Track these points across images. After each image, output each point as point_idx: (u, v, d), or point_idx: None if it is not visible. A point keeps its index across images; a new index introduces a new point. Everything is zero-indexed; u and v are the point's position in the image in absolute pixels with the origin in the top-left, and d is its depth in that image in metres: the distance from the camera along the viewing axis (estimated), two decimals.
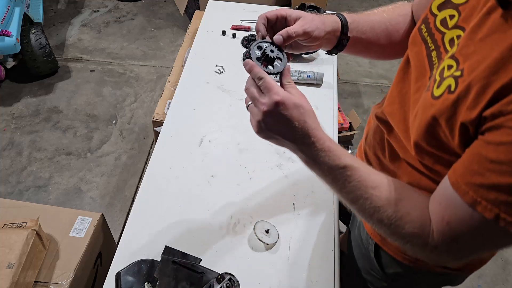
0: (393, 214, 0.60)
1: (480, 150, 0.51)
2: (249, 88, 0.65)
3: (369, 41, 0.82)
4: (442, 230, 0.56)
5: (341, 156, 0.62)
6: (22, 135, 2.29)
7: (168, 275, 0.82)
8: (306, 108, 0.63)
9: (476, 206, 0.51)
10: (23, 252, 1.07)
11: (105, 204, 2.00)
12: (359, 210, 0.64)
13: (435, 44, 0.64)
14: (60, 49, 2.84)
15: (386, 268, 0.89)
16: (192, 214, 0.98)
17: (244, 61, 0.67)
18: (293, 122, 0.61)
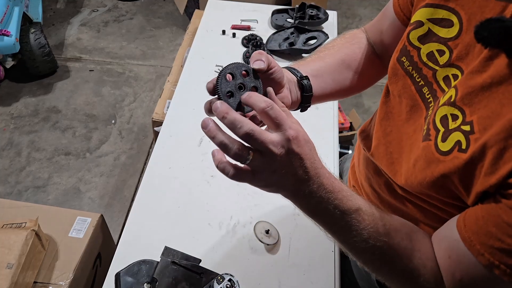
0: (406, 266, 0.55)
1: (500, 212, 0.47)
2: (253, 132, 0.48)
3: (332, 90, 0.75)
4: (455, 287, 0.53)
5: (351, 198, 0.54)
6: (21, 135, 2.28)
7: (168, 276, 0.82)
8: (312, 144, 0.53)
9: (493, 269, 0.48)
10: (22, 252, 1.06)
11: (104, 205, 2.00)
12: (367, 261, 0.57)
13: (424, 80, 0.59)
14: (59, 49, 2.84)
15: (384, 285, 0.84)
16: (192, 215, 0.98)
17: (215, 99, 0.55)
18: (305, 161, 0.50)
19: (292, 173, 0.50)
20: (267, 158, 0.48)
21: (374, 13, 3.28)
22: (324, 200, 0.52)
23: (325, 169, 0.54)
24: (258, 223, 0.94)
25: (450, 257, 0.53)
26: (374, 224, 0.54)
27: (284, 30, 1.45)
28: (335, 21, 1.58)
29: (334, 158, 1.11)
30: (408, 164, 0.60)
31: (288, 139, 0.48)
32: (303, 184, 0.51)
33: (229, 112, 0.50)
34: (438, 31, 0.58)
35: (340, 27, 3.14)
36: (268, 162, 0.49)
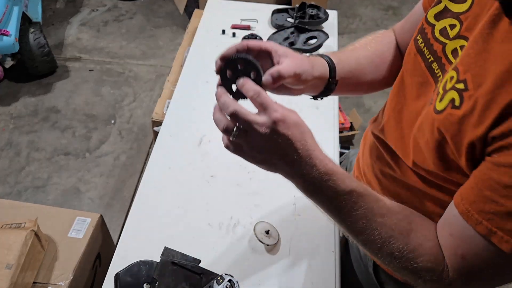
0: (404, 246, 0.55)
1: (491, 174, 0.47)
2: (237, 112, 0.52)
3: (357, 79, 0.77)
4: (458, 266, 0.52)
5: (345, 180, 0.56)
6: (21, 135, 2.28)
7: (168, 276, 0.82)
8: (305, 127, 0.56)
9: (491, 237, 0.48)
10: (22, 253, 1.06)
11: (104, 205, 2.00)
12: (366, 242, 0.57)
13: (434, 55, 0.60)
14: (58, 49, 2.83)
15: (385, 284, 0.86)
16: (192, 215, 0.97)
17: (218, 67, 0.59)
18: (295, 142, 0.53)
19: (281, 153, 0.54)
20: (252, 137, 0.53)
21: (374, 13, 3.27)
22: (317, 181, 0.55)
23: (319, 151, 0.56)
24: (258, 223, 0.94)
25: (451, 235, 0.53)
26: (369, 205, 0.56)
27: (284, 30, 1.45)
28: (336, 20, 1.58)
29: (334, 158, 1.11)
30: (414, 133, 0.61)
31: (274, 121, 0.52)
32: (295, 165, 0.55)
33: (222, 96, 0.55)
34: (452, 7, 0.59)
35: (341, 26, 3.15)
36: (254, 140, 0.54)
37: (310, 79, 0.67)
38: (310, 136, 0.56)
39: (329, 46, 1.45)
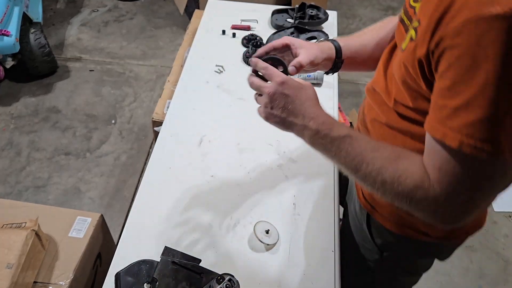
0: (394, 172, 0.62)
1: (438, 85, 0.55)
2: (253, 81, 0.74)
3: (362, 58, 0.91)
4: (437, 178, 0.58)
5: (341, 128, 0.68)
6: (21, 135, 2.28)
7: (168, 276, 0.82)
8: (308, 88, 0.72)
9: (444, 140, 0.54)
10: (22, 252, 1.06)
11: (105, 205, 2.00)
12: (364, 177, 0.65)
13: (409, 19, 0.67)
14: (59, 49, 2.84)
15: (376, 239, 0.92)
16: (192, 214, 0.98)
17: (250, 60, 0.76)
18: (296, 100, 0.70)
19: (284, 107, 0.70)
20: (263, 97, 0.72)
21: (374, 13, 3.27)
22: (315, 131, 0.68)
23: (318, 107, 0.71)
24: (258, 223, 0.94)
25: (429, 154, 0.60)
26: (363, 144, 0.66)
27: (284, 30, 1.45)
28: (335, 21, 1.58)
29: None
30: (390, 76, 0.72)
31: (277, 84, 0.70)
32: (296, 118, 0.70)
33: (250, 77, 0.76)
34: None
35: (340, 27, 3.14)
36: (265, 99, 0.72)
37: (320, 62, 0.86)
38: (312, 95, 0.72)
39: None
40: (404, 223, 0.83)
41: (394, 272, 0.98)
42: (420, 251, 0.90)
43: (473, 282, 1.81)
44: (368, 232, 0.92)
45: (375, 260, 0.95)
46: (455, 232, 0.83)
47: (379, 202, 0.86)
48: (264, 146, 1.13)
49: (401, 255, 0.93)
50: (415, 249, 0.89)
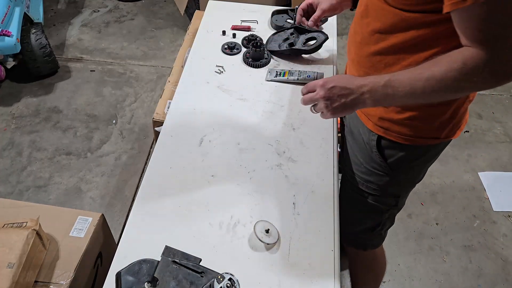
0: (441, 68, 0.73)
1: None
2: (304, 98, 0.92)
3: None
4: (481, 39, 0.68)
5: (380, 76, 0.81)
6: (22, 135, 2.29)
7: (168, 275, 0.82)
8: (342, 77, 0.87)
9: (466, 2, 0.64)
10: (23, 252, 1.07)
11: (105, 204, 2.00)
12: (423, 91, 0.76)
13: None
14: (60, 49, 2.84)
15: (390, 158, 1.03)
16: (192, 214, 0.98)
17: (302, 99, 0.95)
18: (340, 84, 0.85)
19: (340, 94, 0.85)
20: (320, 103, 0.89)
21: None
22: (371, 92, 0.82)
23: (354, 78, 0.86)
24: (258, 222, 0.94)
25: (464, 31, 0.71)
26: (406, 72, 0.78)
27: (284, 31, 1.46)
28: (335, 21, 1.58)
29: (334, 158, 1.12)
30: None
31: (320, 86, 0.88)
32: (352, 95, 0.84)
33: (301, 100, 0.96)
34: None
35: (340, 27, 3.15)
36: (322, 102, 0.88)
37: (338, 7, 1.19)
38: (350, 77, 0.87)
39: (328, 47, 1.45)
40: (417, 134, 0.96)
41: (402, 187, 1.12)
42: (428, 156, 1.04)
43: (472, 281, 1.82)
44: (379, 155, 1.03)
45: (385, 182, 1.07)
46: (455, 128, 0.98)
47: (391, 121, 0.97)
48: (264, 146, 1.14)
49: (412, 167, 1.05)
50: (425, 155, 1.03)
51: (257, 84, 1.32)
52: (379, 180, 1.08)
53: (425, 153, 1.03)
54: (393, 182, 1.08)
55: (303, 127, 1.19)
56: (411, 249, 1.91)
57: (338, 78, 0.87)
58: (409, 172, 1.08)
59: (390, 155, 1.03)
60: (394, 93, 0.79)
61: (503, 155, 2.34)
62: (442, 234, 1.97)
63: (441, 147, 1.05)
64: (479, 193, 2.15)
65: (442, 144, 1.03)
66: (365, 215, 1.18)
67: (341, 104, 0.85)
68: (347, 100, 0.84)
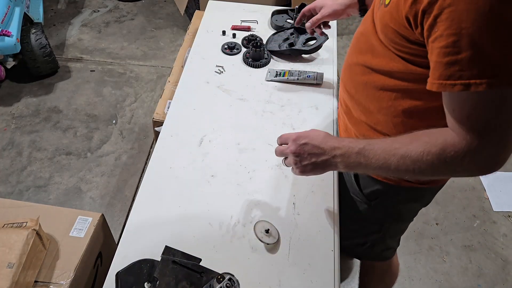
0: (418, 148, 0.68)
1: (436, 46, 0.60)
2: (276, 150, 0.88)
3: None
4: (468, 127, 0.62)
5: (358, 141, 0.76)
6: (22, 135, 2.29)
7: (168, 275, 0.82)
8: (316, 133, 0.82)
9: (470, 89, 0.58)
10: (23, 252, 1.07)
11: (105, 204, 2.00)
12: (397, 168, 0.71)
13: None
14: (60, 49, 2.84)
15: (365, 189, 1.01)
16: (192, 214, 0.98)
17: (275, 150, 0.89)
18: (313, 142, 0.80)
19: (310, 153, 0.80)
20: (289, 158, 0.84)
21: None
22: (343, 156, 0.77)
23: (331, 137, 0.81)
24: (258, 222, 0.94)
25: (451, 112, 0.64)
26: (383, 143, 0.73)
27: (284, 31, 1.46)
28: (335, 21, 1.58)
29: None
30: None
31: (292, 140, 0.82)
32: (324, 155, 0.79)
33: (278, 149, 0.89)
34: None
35: (340, 28, 3.15)
36: (292, 157, 0.82)
37: (341, 13, 1.11)
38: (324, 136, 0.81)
39: (328, 47, 1.45)
40: None
41: (383, 220, 1.08)
42: (403, 197, 1.00)
43: (472, 281, 1.82)
44: (356, 184, 1.03)
45: (364, 209, 1.05)
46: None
47: None
48: (264, 146, 1.14)
49: (387, 203, 1.02)
50: (399, 195, 0.99)
51: (257, 84, 1.32)
52: (360, 204, 1.07)
53: (402, 194, 0.99)
54: (372, 211, 1.05)
55: (303, 127, 1.19)
56: (411, 249, 1.91)
57: (312, 135, 0.81)
58: (388, 208, 1.05)
59: (365, 186, 1.01)
60: (367, 163, 0.74)
61: None
62: (442, 234, 1.97)
63: (421, 193, 1.00)
64: (479, 193, 2.15)
65: (421, 190, 0.98)
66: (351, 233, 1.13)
67: (311, 164, 0.80)
68: (317, 160, 0.80)
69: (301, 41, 1.40)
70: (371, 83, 0.85)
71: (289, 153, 0.82)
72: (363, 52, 0.86)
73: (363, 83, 0.88)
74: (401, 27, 0.69)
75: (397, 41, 0.72)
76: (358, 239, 1.17)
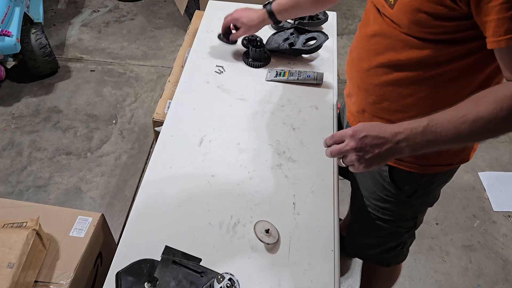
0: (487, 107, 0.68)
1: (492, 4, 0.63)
2: (332, 151, 0.80)
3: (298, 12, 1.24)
4: None
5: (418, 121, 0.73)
6: (22, 135, 2.29)
7: (168, 275, 0.83)
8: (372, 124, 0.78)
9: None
10: (23, 252, 1.07)
11: (105, 204, 2.00)
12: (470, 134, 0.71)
13: None
14: (60, 49, 2.84)
15: (404, 186, 1.01)
16: (192, 214, 0.98)
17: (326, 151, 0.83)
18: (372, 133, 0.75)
19: (372, 144, 0.75)
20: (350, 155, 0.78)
21: None
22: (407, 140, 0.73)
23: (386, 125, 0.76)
24: (258, 222, 0.94)
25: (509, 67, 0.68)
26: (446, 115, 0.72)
27: (284, 31, 1.46)
28: (335, 21, 1.58)
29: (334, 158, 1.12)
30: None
31: (350, 136, 0.77)
32: (386, 144, 0.75)
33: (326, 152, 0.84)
34: None
35: (340, 27, 3.15)
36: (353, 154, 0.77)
37: (255, 29, 1.30)
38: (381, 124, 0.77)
39: (328, 47, 1.45)
40: (431, 162, 0.94)
41: (419, 210, 1.11)
42: (443, 180, 1.05)
43: (472, 281, 1.82)
44: (393, 185, 1.01)
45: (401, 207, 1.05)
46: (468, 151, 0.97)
47: None
48: (264, 146, 1.14)
49: (428, 192, 1.05)
50: (440, 180, 1.03)
51: (257, 84, 1.32)
52: (395, 206, 1.06)
53: (440, 178, 1.03)
54: (409, 207, 1.07)
55: (303, 127, 1.19)
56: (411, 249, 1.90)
57: (368, 126, 0.77)
58: (426, 197, 1.07)
59: (404, 184, 1.01)
60: (436, 139, 0.72)
61: (503, 155, 2.34)
62: (442, 234, 1.97)
63: (455, 169, 1.04)
64: (479, 193, 2.15)
65: (450, 171, 1.03)
66: (384, 239, 1.17)
67: (375, 155, 0.76)
68: (381, 151, 0.75)
69: (301, 41, 1.40)
70: (401, 80, 0.86)
71: (349, 150, 0.77)
72: (381, 52, 0.86)
73: (391, 83, 0.88)
74: (438, 8, 0.69)
75: (432, 24, 0.72)
76: (391, 243, 1.17)
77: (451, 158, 0.96)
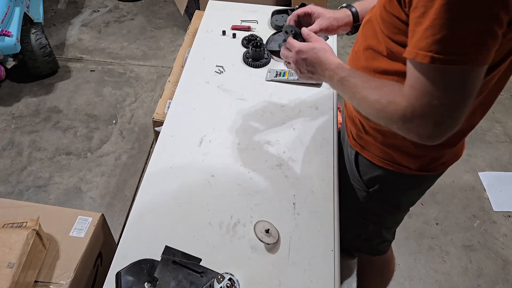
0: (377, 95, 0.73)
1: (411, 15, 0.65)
2: (283, 53, 0.97)
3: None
4: (410, 94, 0.66)
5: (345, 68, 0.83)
6: (22, 135, 2.29)
7: (168, 275, 0.83)
8: (318, 47, 0.90)
9: (416, 58, 0.63)
10: (23, 252, 1.07)
11: (105, 204, 2.00)
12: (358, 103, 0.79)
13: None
14: (60, 49, 2.85)
15: (364, 176, 1.02)
16: (192, 214, 0.98)
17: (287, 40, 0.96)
18: (312, 59, 0.90)
19: (307, 66, 0.92)
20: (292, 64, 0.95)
21: None
22: (330, 78, 0.86)
23: (329, 60, 0.88)
24: (258, 222, 0.94)
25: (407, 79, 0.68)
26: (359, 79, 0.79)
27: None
28: None
29: (334, 158, 1.12)
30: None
31: (295, 53, 0.93)
32: (316, 73, 0.91)
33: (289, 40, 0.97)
34: None
35: None
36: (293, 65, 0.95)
37: (336, 29, 1.05)
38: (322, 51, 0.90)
39: None
40: (389, 158, 0.94)
41: (381, 208, 1.09)
42: (403, 184, 1.01)
43: (472, 281, 1.82)
44: (356, 170, 1.04)
45: (363, 197, 1.07)
46: (434, 163, 0.94)
47: (367, 141, 0.97)
48: (264, 146, 1.14)
49: (386, 190, 1.03)
50: (398, 182, 1.00)
51: (257, 84, 1.32)
52: (359, 193, 1.07)
53: (405, 181, 0.99)
54: (370, 200, 1.06)
55: (303, 127, 1.19)
56: (411, 249, 1.91)
57: (312, 50, 0.90)
58: (387, 196, 1.05)
59: (366, 172, 1.02)
60: (343, 92, 0.84)
61: (503, 155, 2.34)
62: (442, 234, 1.97)
63: (420, 180, 1.00)
64: (479, 193, 2.15)
65: (421, 177, 0.97)
66: (350, 223, 1.14)
67: (308, 74, 0.93)
68: (313, 75, 0.92)
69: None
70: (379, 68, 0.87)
71: (291, 60, 0.94)
72: (369, 38, 0.88)
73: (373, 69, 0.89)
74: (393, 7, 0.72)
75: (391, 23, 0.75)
76: (355, 231, 1.18)
77: (408, 161, 0.93)
